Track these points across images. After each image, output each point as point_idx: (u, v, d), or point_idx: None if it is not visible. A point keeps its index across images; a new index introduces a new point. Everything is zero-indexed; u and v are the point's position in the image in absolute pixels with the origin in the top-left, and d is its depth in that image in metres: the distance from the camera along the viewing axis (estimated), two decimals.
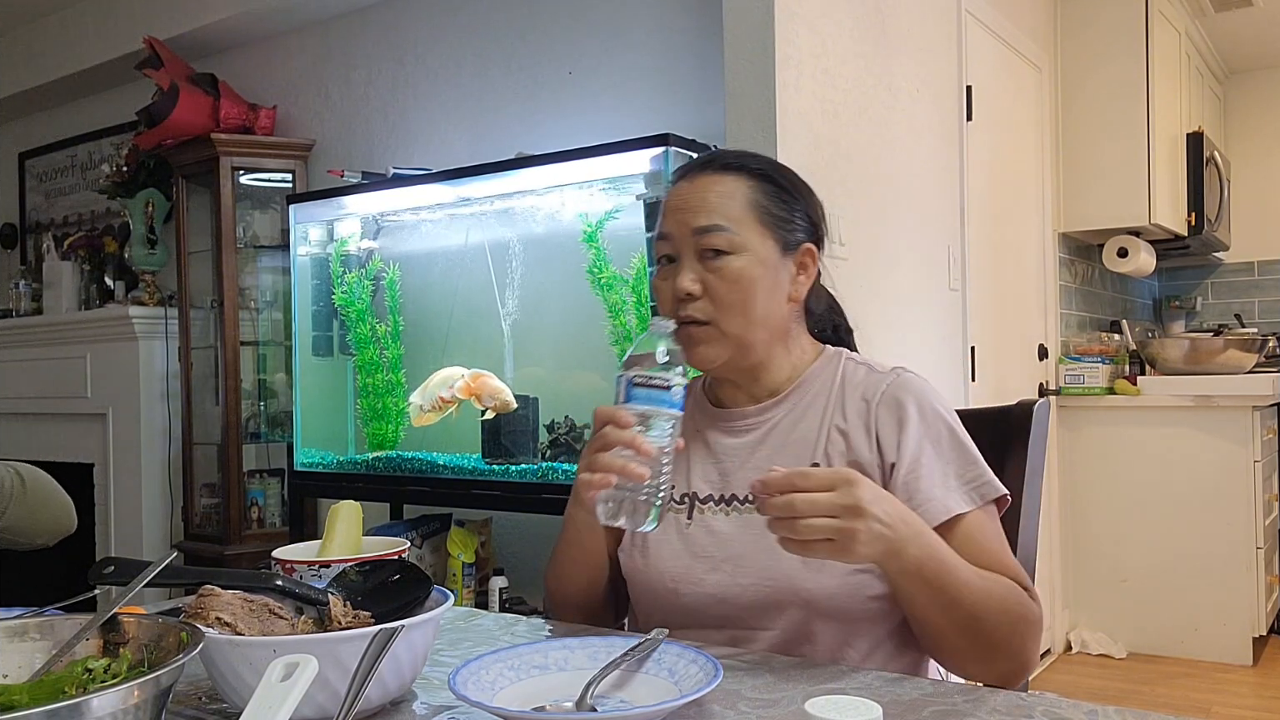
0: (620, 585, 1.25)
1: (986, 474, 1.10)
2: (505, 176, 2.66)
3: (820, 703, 0.70)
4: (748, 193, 1.15)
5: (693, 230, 1.14)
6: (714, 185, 1.16)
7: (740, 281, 1.12)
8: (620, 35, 2.86)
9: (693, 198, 1.15)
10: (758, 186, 1.16)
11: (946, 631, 1.02)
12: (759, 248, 1.14)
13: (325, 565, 1.11)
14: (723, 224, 1.13)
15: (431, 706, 0.89)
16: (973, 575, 1.01)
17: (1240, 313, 4.96)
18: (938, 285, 2.97)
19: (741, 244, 1.13)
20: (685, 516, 1.17)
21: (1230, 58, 4.99)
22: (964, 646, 1.02)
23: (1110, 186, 3.88)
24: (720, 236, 1.13)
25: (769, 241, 1.15)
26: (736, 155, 1.21)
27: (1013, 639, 1.02)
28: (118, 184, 3.87)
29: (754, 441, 1.18)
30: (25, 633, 0.80)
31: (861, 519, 0.91)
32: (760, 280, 1.13)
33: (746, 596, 1.10)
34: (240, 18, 3.53)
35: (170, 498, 3.75)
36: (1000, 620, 1.01)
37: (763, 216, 1.15)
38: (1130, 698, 3.25)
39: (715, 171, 1.17)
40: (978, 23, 3.23)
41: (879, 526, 0.92)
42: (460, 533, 2.72)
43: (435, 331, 2.96)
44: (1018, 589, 1.05)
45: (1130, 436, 3.75)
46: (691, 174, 1.18)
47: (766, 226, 1.15)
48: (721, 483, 1.17)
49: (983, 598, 1.00)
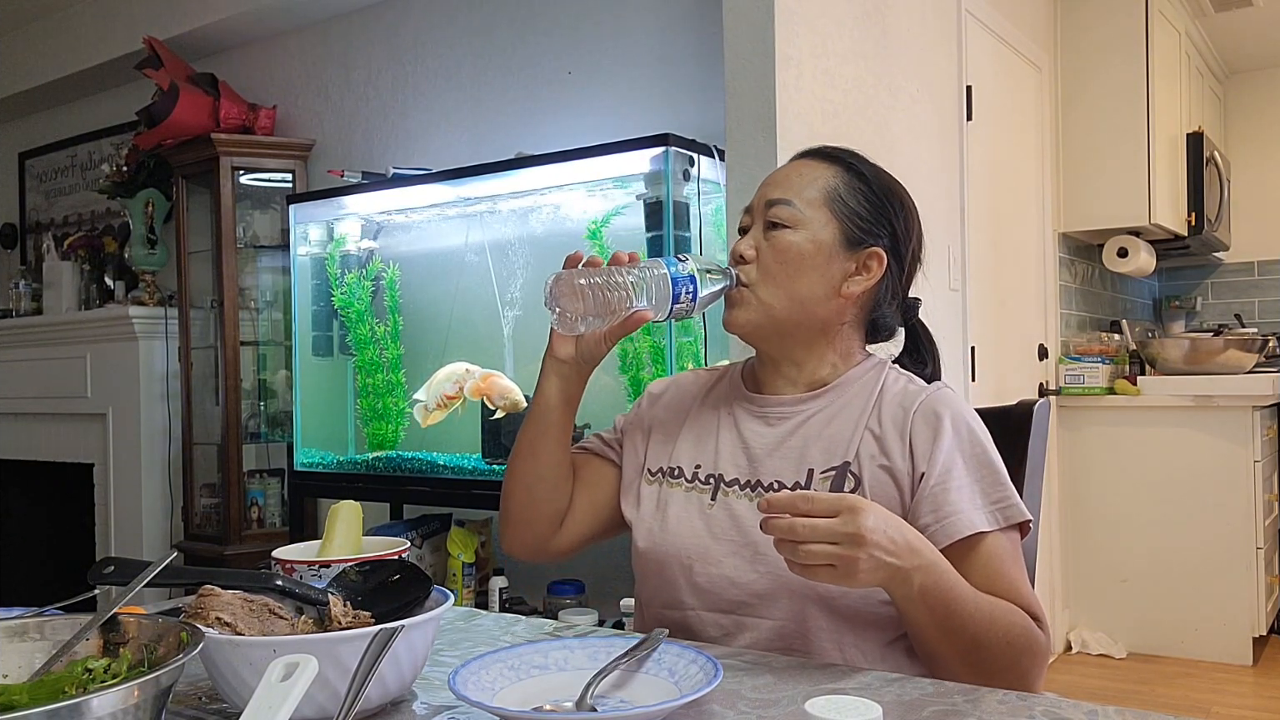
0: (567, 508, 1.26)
1: (1014, 498, 1.09)
2: (505, 176, 2.66)
3: (820, 703, 0.70)
4: (830, 179, 1.18)
5: (766, 202, 1.18)
6: (803, 168, 1.20)
7: (788, 253, 1.15)
8: (620, 35, 2.86)
9: (780, 175, 1.21)
10: (843, 176, 1.18)
11: (947, 655, 1.02)
12: (820, 230, 1.15)
13: (325, 565, 1.11)
14: (791, 199, 1.16)
15: (431, 706, 0.89)
16: (980, 603, 1.00)
17: (1240, 313, 4.96)
18: (938, 285, 2.97)
19: (803, 221, 1.15)
20: (709, 498, 1.17)
21: (1230, 58, 4.99)
22: (963, 673, 1.00)
23: (1110, 186, 3.88)
24: (784, 210, 1.16)
25: (833, 228, 1.16)
26: (841, 150, 1.23)
27: (1014, 668, 1.02)
28: (118, 184, 3.87)
29: (785, 432, 1.17)
30: (25, 633, 0.80)
31: (863, 548, 0.91)
32: (808, 259, 1.14)
33: (760, 584, 1.10)
34: (240, 18, 3.53)
35: (170, 498, 3.75)
36: (1003, 650, 1.01)
37: (834, 203, 1.16)
38: (1130, 698, 3.25)
39: (811, 157, 1.21)
40: (978, 23, 3.23)
41: (881, 555, 0.92)
42: (460, 533, 2.72)
43: (435, 331, 2.96)
44: (1026, 619, 1.03)
45: (1130, 436, 3.75)
46: (794, 158, 1.23)
47: (835, 214, 1.16)
48: (749, 468, 1.17)
49: (986, 626, 1.00)
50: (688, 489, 1.19)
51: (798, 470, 1.13)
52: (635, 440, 1.28)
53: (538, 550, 1.26)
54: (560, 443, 1.22)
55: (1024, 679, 1.02)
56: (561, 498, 1.25)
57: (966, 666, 1.01)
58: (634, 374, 2.48)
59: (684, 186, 2.37)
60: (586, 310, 1.07)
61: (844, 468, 1.11)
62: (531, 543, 1.26)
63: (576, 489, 1.26)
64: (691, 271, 1.11)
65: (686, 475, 1.19)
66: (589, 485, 1.27)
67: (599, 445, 1.31)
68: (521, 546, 1.26)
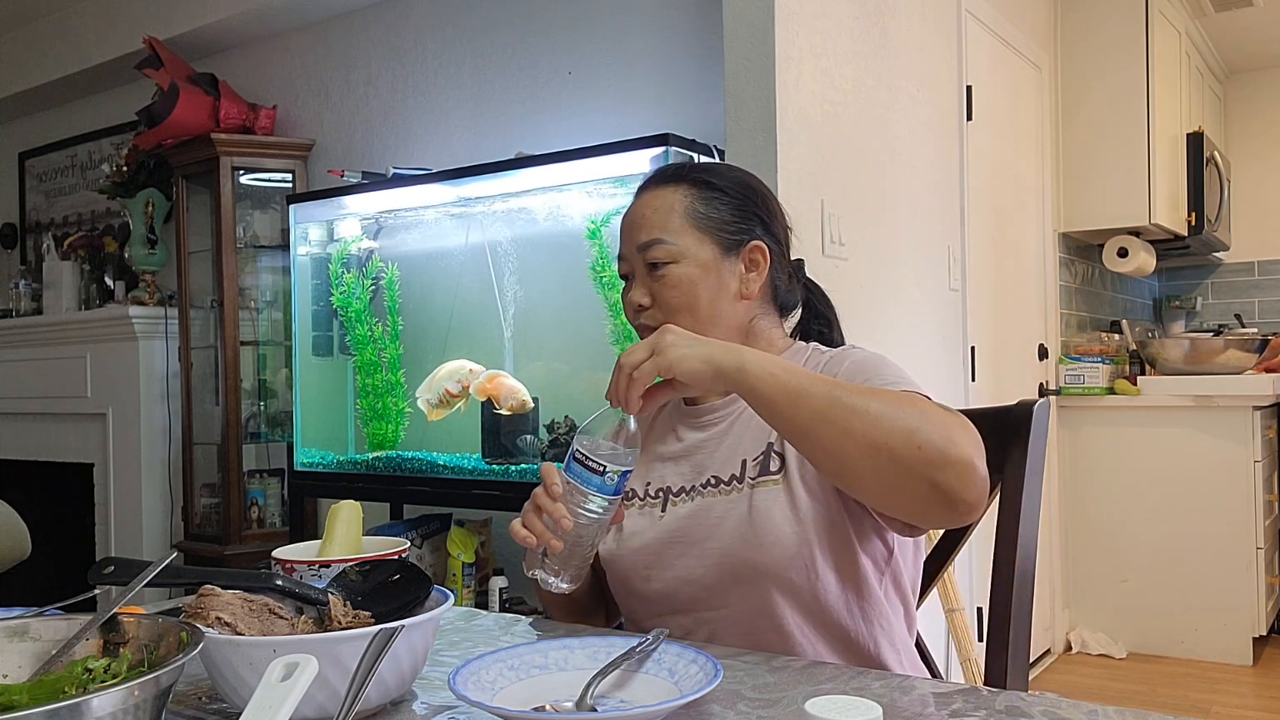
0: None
1: (919, 385, 1.08)
2: (505, 176, 2.66)
3: (820, 703, 0.70)
4: (682, 201, 1.20)
5: (637, 247, 1.21)
6: (653, 200, 1.22)
7: (681, 286, 1.18)
8: (620, 35, 2.86)
9: (637, 215, 1.22)
10: (691, 193, 1.21)
11: (843, 447, 0.97)
12: (697, 252, 1.18)
13: (325, 565, 1.11)
14: (660, 237, 1.19)
15: (431, 706, 0.89)
16: (836, 380, 1.02)
17: (1240, 313, 4.96)
18: (938, 285, 2.97)
19: (679, 252, 1.18)
20: (659, 510, 1.20)
21: (1230, 58, 5.00)
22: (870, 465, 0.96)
23: (1110, 186, 3.88)
24: (659, 249, 1.18)
25: (707, 245, 1.19)
26: (678, 167, 1.26)
27: (914, 430, 0.95)
28: (118, 184, 3.87)
29: (721, 431, 1.21)
30: (25, 633, 0.80)
31: (669, 332, 1.03)
32: (700, 282, 1.18)
33: (710, 577, 1.13)
34: (240, 18, 3.53)
35: (170, 498, 3.75)
36: (887, 412, 0.96)
37: (698, 222, 1.19)
38: (1130, 698, 3.25)
39: (656, 186, 1.23)
40: (978, 23, 3.23)
41: (686, 337, 1.03)
42: (460, 533, 2.72)
43: (435, 331, 2.96)
44: (921, 397, 1.02)
45: (1130, 436, 3.75)
46: (640, 192, 1.25)
47: (703, 231, 1.19)
48: (694, 475, 1.20)
49: (848, 390, 0.99)
50: (640, 506, 1.22)
51: (733, 463, 1.16)
52: None
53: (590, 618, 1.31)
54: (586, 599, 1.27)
55: (940, 443, 0.94)
56: (595, 599, 1.30)
57: (861, 445, 0.96)
58: None
59: None
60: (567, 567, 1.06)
61: (769, 449, 1.14)
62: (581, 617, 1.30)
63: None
64: (617, 473, 1.02)
65: (639, 495, 1.23)
66: None
67: None
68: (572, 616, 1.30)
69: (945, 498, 0.96)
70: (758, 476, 1.13)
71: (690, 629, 1.15)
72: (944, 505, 0.96)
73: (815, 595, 1.10)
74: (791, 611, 1.10)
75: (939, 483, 0.95)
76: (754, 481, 1.13)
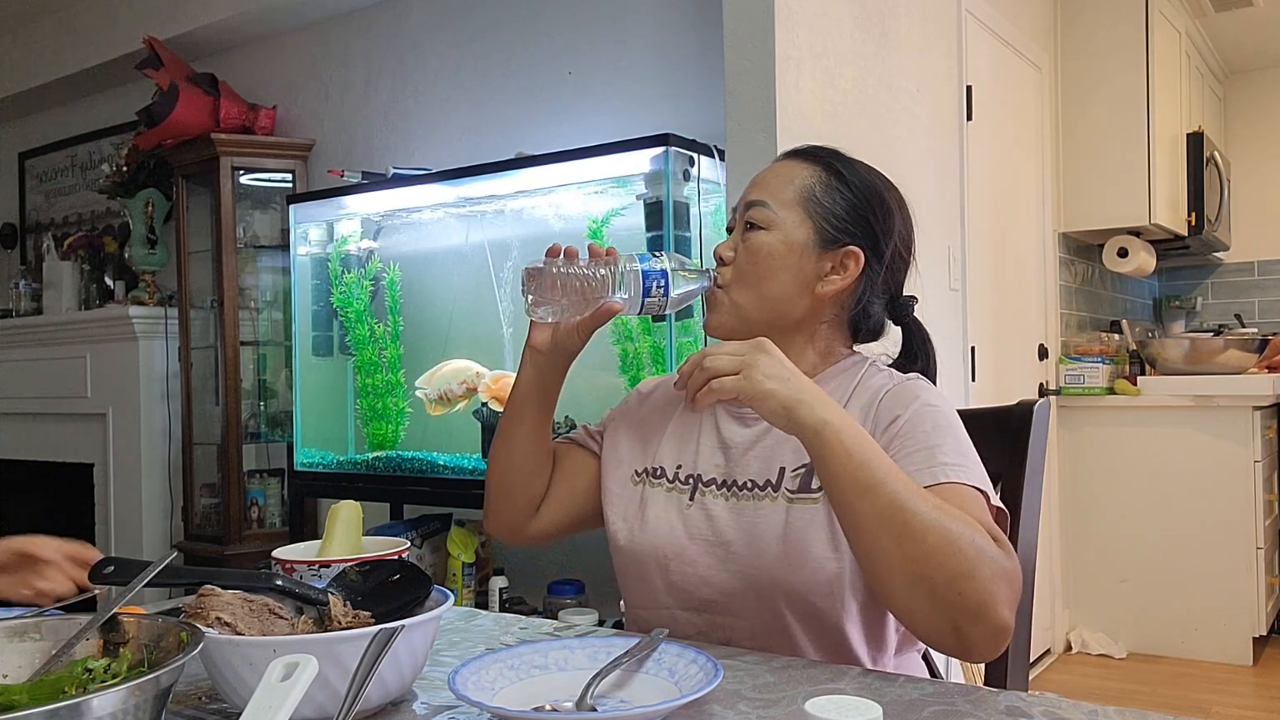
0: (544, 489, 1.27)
1: (976, 468, 1.03)
2: (505, 176, 2.66)
3: (820, 703, 0.69)
4: (807, 178, 1.17)
5: (745, 203, 1.19)
6: (781, 168, 1.20)
7: (759, 255, 1.15)
8: (620, 35, 2.86)
9: (760, 176, 1.21)
10: (817, 174, 1.18)
11: (881, 545, 0.93)
12: (792, 230, 1.15)
13: (325, 565, 1.11)
14: (766, 200, 1.17)
15: (431, 706, 0.89)
16: (915, 489, 0.94)
17: (1240, 313, 4.96)
18: (938, 285, 2.97)
19: (776, 221, 1.16)
20: (688, 497, 1.17)
21: (1230, 58, 4.99)
22: (905, 581, 0.92)
23: (1110, 186, 3.88)
24: (760, 211, 1.16)
25: (806, 228, 1.15)
26: (820, 147, 1.23)
27: (967, 581, 0.90)
28: (118, 184, 3.87)
29: (761, 430, 1.16)
30: (25, 633, 0.80)
31: (764, 353, 1.00)
32: (779, 259, 1.15)
33: (731, 583, 1.10)
34: (240, 18, 3.53)
35: (170, 498, 3.75)
36: (948, 552, 0.90)
37: (809, 203, 1.16)
38: (1130, 698, 3.25)
39: (794, 157, 1.21)
40: (978, 22, 3.23)
41: (781, 369, 0.99)
42: (460, 533, 2.72)
43: (435, 331, 2.96)
44: (979, 529, 0.93)
45: (1130, 436, 3.75)
46: (778, 159, 1.23)
47: (809, 213, 1.16)
48: (726, 468, 1.17)
49: (923, 514, 0.91)
50: (668, 489, 1.19)
51: (770, 468, 1.13)
52: (618, 435, 1.28)
53: (515, 532, 1.28)
54: (535, 430, 1.23)
55: (982, 598, 0.90)
56: (537, 484, 1.26)
57: (906, 565, 0.91)
58: (634, 374, 2.48)
59: (684, 186, 2.37)
60: (559, 299, 1.10)
61: (811, 465, 1.08)
62: (509, 524, 1.28)
63: (556, 477, 1.28)
64: (664, 267, 1.12)
65: (668, 475, 1.20)
66: (568, 474, 1.28)
67: (582, 436, 1.32)
68: (499, 527, 1.29)
69: (961, 645, 0.93)
70: (797, 491, 1.09)
71: (703, 629, 1.12)
72: (956, 649, 0.94)
73: (839, 625, 1.07)
74: (809, 634, 1.08)
75: (965, 633, 0.91)
76: (791, 495, 1.09)
